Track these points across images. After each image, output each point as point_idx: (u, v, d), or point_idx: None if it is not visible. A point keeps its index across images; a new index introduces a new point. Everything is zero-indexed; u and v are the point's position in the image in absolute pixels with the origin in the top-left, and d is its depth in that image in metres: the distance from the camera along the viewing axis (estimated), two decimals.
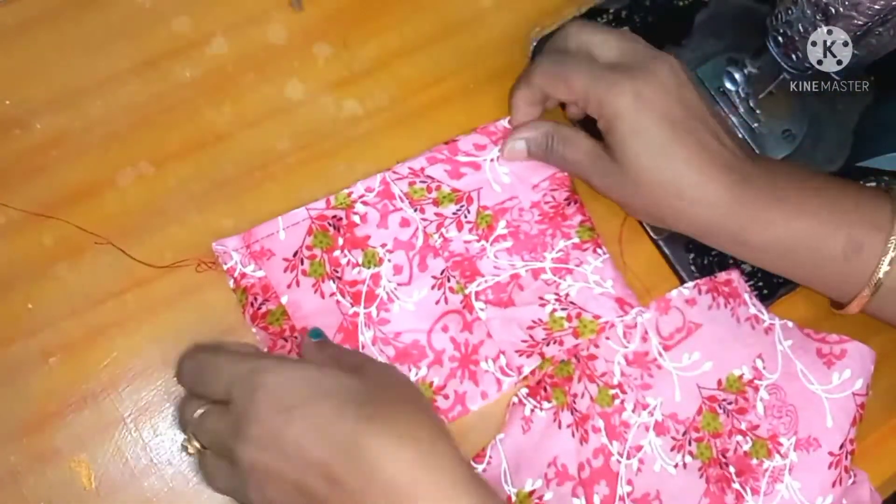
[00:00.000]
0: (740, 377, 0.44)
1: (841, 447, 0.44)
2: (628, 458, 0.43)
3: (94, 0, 0.45)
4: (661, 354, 0.44)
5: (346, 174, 0.45)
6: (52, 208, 0.42)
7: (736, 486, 0.43)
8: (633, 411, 0.43)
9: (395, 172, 0.45)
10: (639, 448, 0.43)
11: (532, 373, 0.43)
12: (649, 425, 0.43)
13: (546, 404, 0.43)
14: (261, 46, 0.46)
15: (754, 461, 0.44)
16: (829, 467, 0.43)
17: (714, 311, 0.45)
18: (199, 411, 0.37)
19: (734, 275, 0.46)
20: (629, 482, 0.42)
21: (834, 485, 0.43)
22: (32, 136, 0.43)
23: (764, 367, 0.45)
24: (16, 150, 0.43)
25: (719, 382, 0.44)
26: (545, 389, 0.43)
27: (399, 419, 0.34)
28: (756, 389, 0.44)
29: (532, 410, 0.43)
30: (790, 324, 0.46)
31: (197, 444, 0.37)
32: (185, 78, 0.45)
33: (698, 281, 0.45)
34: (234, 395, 0.35)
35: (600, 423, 0.43)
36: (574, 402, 0.43)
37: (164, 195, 0.43)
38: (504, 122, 0.46)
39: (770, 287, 0.47)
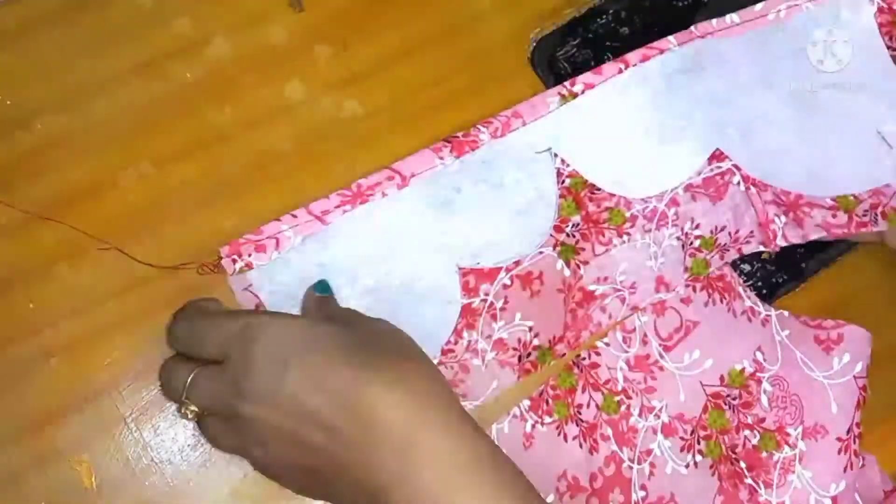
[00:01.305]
0: (742, 371, 0.44)
1: (848, 431, 0.44)
2: (639, 463, 0.43)
3: (95, 0, 0.45)
4: (661, 356, 0.44)
5: (346, 174, 0.45)
6: (53, 209, 0.42)
7: (748, 480, 0.43)
8: (640, 416, 0.43)
9: None
10: (649, 452, 0.43)
11: (534, 365, 0.43)
12: (657, 428, 0.43)
13: (547, 419, 0.43)
14: (261, 47, 0.46)
15: (764, 454, 0.44)
16: (839, 453, 0.44)
17: (710, 308, 0.45)
18: (192, 374, 0.36)
19: (726, 269, 0.46)
20: (643, 487, 0.43)
21: (845, 470, 0.43)
22: (34, 136, 0.43)
23: (764, 359, 0.45)
24: (17, 151, 0.43)
25: (722, 378, 0.44)
26: (547, 403, 0.43)
27: (390, 366, 0.35)
28: (759, 382, 0.44)
29: (533, 426, 0.43)
30: (786, 313, 0.46)
31: (195, 408, 0.36)
32: (186, 78, 0.45)
33: (690, 278, 0.45)
34: (230, 352, 0.35)
35: (608, 431, 0.43)
36: (579, 413, 0.43)
37: (166, 195, 0.43)
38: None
39: (769, 287, 0.47)
